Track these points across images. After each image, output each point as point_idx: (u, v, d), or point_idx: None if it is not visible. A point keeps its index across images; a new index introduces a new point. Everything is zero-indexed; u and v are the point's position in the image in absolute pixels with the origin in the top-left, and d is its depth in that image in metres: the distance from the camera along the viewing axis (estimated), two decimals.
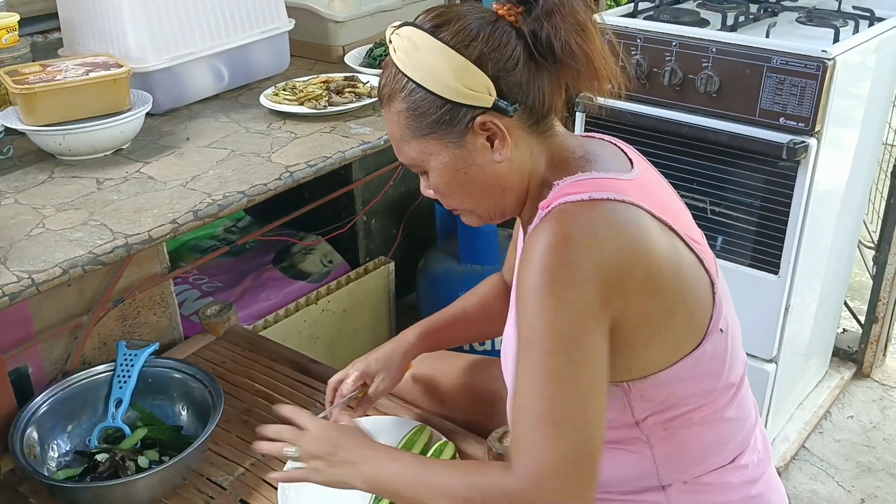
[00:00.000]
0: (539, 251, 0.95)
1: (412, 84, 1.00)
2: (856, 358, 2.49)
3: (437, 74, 0.98)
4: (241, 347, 1.70)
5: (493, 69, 0.98)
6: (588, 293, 0.93)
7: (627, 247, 0.96)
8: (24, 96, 1.39)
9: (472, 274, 2.15)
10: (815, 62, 1.68)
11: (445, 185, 1.06)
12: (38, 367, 1.57)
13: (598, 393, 0.95)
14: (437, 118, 1.00)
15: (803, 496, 2.06)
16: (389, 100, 1.04)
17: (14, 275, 1.11)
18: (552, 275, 0.93)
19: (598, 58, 1.00)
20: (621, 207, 0.98)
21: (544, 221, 0.97)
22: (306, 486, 1.30)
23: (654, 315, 0.99)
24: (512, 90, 0.99)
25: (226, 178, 1.37)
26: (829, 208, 1.96)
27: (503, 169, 1.03)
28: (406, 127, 1.03)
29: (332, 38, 1.94)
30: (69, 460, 1.43)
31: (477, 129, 1.00)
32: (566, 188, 1.00)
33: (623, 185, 1.01)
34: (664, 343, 1.02)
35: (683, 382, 1.04)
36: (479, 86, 0.98)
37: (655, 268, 0.98)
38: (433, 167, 1.05)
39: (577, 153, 1.06)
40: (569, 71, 1.01)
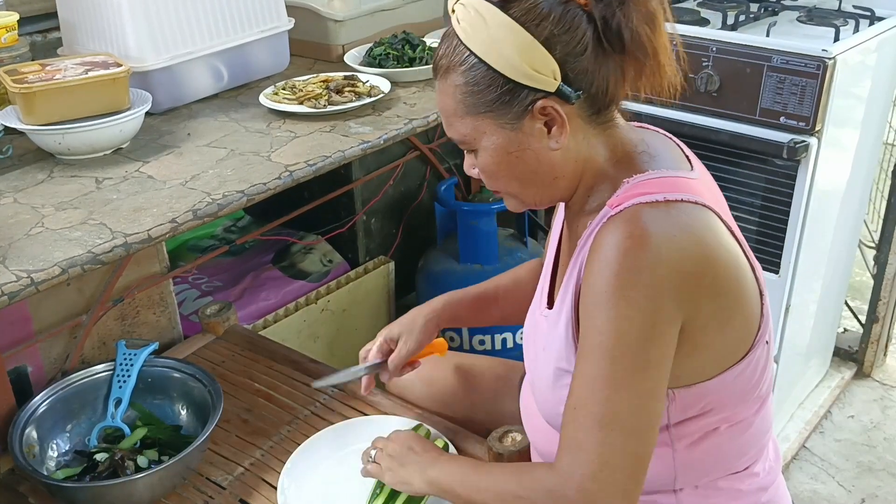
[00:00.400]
0: (611, 252, 0.92)
1: (474, 58, 0.96)
2: (856, 357, 2.49)
3: (503, 51, 0.94)
4: (240, 347, 1.70)
5: (561, 52, 0.94)
6: (662, 299, 0.91)
7: (702, 251, 0.94)
8: (24, 95, 1.39)
9: (471, 273, 2.15)
10: (816, 61, 1.68)
11: (494, 167, 1.02)
12: (38, 366, 1.57)
13: (656, 400, 0.94)
14: (495, 97, 0.97)
15: (804, 496, 2.06)
16: (446, 72, 1.00)
17: (13, 274, 1.11)
18: (626, 279, 0.91)
19: (663, 53, 0.98)
20: (695, 209, 0.96)
21: (615, 221, 0.95)
22: (305, 485, 1.30)
23: (714, 322, 0.98)
24: (577, 76, 0.96)
25: (225, 178, 1.37)
26: (830, 208, 1.96)
27: (557, 157, 1.00)
28: (461, 102, 0.99)
29: (332, 38, 1.93)
30: (68, 460, 1.42)
31: (536, 114, 0.97)
32: (637, 187, 0.97)
33: (693, 185, 0.99)
34: (716, 351, 1.01)
35: (723, 392, 1.04)
36: (544, 68, 0.94)
37: (723, 272, 0.96)
38: (484, 147, 1.01)
39: (638, 147, 1.04)
40: (634, 62, 0.98)
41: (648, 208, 0.94)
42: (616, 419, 0.92)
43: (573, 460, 0.94)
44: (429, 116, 1.62)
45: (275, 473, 1.35)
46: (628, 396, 0.92)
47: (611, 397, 0.92)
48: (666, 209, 0.94)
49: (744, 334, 1.02)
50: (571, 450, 0.94)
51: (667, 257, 0.92)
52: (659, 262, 0.91)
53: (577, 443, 0.94)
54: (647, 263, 0.91)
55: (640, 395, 0.93)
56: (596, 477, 0.92)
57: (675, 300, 0.92)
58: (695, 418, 1.04)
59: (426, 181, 2.41)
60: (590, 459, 0.93)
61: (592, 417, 0.93)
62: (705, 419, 1.05)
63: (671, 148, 1.08)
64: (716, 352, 1.01)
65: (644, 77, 0.99)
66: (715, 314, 0.97)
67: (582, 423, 0.94)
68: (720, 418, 1.06)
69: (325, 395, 1.54)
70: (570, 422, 0.95)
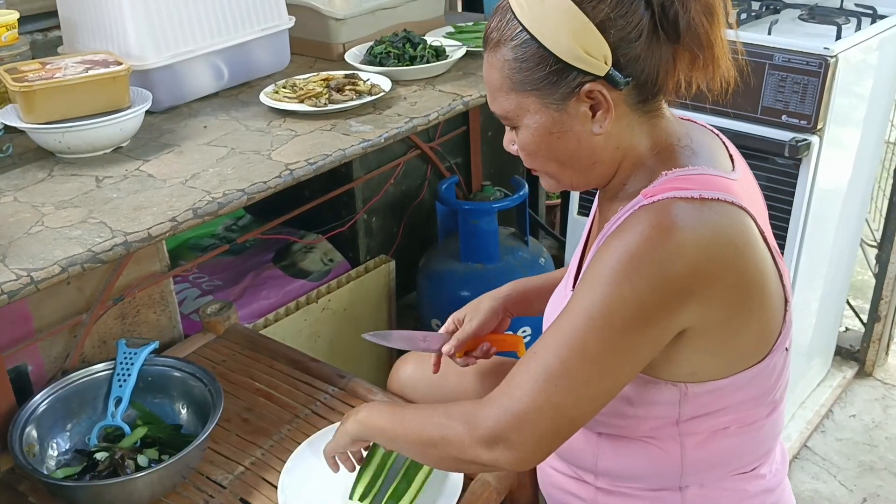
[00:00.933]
0: (633, 236, 0.92)
1: (526, 35, 0.95)
2: (858, 357, 2.48)
3: (556, 31, 0.93)
4: (241, 346, 1.70)
5: (615, 37, 0.93)
6: (664, 294, 0.91)
7: (727, 253, 0.93)
8: (24, 94, 1.38)
9: (472, 273, 2.15)
10: (818, 60, 1.67)
11: (534, 146, 1.01)
12: (38, 365, 1.57)
13: (612, 383, 0.95)
14: (543, 76, 0.95)
15: (805, 495, 2.05)
16: (497, 46, 0.98)
17: (13, 273, 1.10)
18: (636, 263, 0.91)
19: (719, 46, 0.97)
20: (729, 209, 0.95)
21: (646, 210, 0.94)
22: (306, 484, 1.30)
23: (731, 324, 0.97)
24: (628, 62, 0.94)
25: (225, 176, 1.37)
26: (832, 206, 1.96)
27: (599, 142, 0.99)
28: (508, 78, 0.98)
29: (333, 36, 1.93)
30: (68, 459, 1.42)
31: (582, 96, 0.96)
32: (675, 181, 0.96)
33: (731, 186, 0.98)
34: (732, 353, 1.00)
35: (737, 393, 1.03)
36: (597, 51, 0.93)
37: (747, 278, 0.95)
38: (526, 124, 1.00)
39: (682, 141, 1.03)
40: (687, 53, 0.96)
41: (682, 203, 0.93)
42: (565, 380, 0.93)
43: (505, 394, 0.95)
44: (430, 115, 1.62)
45: (275, 472, 1.35)
46: (587, 367, 0.93)
47: (570, 360, 0.93)
48: (700, 206, 0.93)
49: (762, 339, 1.01)
50: (508, 386, 0.95)
51: (687, 254, 0.91)
52: (677, 257, 0.90)
53: (516, 383, 0.95)
54: (665, 257, 0.90)
55: (599, 372, 0.93)
56: (519, 416, 0.94)
57: (681, 299, 0.91)
58: (706, 416, 1.04)
59: (427, 180, 2.41)
60: (521, 400, 0.94)
61: (543, 369, 0.93)
62: (716, 418, 1.04)
63: (717, 146, 1.07)
64: (731, 352, 1.00)
65: (697, 69, 0.98)
66: (731, 317, 0.96)
67: (531, 369, 0.94)
68: (732, 419, 1.05)
69: (325, 395, 1.54)
70: (522, 363, 0.96)
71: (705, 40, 0.95)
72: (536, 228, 2.57)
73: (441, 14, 2.13)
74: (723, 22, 0.97)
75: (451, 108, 1.66)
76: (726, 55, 0.99)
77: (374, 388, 1.54)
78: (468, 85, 1.76)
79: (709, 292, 0.92)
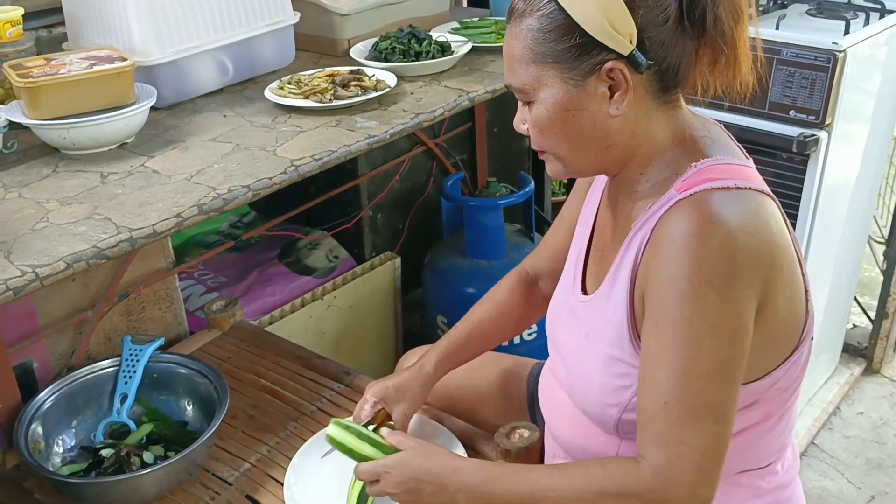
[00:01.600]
0: (685, 239, 0.91)
1: (554, 5, 0.94)
2: (866, 354, 2.47)
3: (586, 4, 0.92)
4: (246, 343, 1.70)
5: (643, 17, 0.92)
6: (744, 287, 0.91)
7: (776, 240, 0.94)
8: (29, 90, 1.38)
9: (478, 269, 2.14)
10: (826, 55, 1.66)
11: (548, 122, 0.99)
12: (43, 362, 1.57)
13: (739, 384, 0.95)
14: (566, 48, 0.94)
15: (813, 493, 2.05)
16: (521, 15, 0.97)
17: (18, 269, 1.10)
18: (708, 268, 0.90)
19: (742, 48, 0.97)
20: (761, 198, 0.96)
21: (684, 206, 0.93)
22: (312, 480, 1.30)
23: (781, 312, 0.97)
24: (652, 46, 0.94)
25: (230, 172, 1.36)
26: (839, 202, 1.95)
27: (615, 124, 0.98)
28: (529, 48, 0.97)
29: (338, 32, 1.92)
30: (74, 455, 1.42)
31: (603, 75, 0.95)
32: (706, 172, 0.96)
33: (754, 174, 0.99)
34: (774, 345, 1.00)
35: (771, 388, 1.04)
36: (623, 29, 0.92)
37: (786, 263, 0.96)
38: (542, 98, 0.98)
39: (700, 132, 1.02)
40: (711, 49, 0.96)
41: (720, 193, 0.93)
42: (712, 410, 0.92)
43: (671, 455, 0.93)
44: (435, 111, 1.61)
45: (281, 469, 1.34)
46: (722, 387, 0.93)
47: (705, 389, 0.92)
48: (736, 195, 0.94)
49: (794, 329, 1.02)
50: (668, 444, 0.93)
51: (742, 243, 0.91)
52: (736, 248, 0.90)
53: (673, 437, 0.93)
54: (728, 249, 0.90)
55: (731, 385, 0.93)
56: (694, 468, 0.93)
57: (752, 287, 0.92)
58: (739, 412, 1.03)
59: (432, 176, 2.40)
60: (689, 451, 0.93)
61: (688, 411, 0.92)
62: (747, 413, 1.04)
63: (727, 137, 1.07)
64: (773, 345, 1.00)
65: (718, 68, 0.98)
66: (778, 306, 0.97)
67: (677, 418, 0.93)
68: (759, 413, 1.05)
69: (331, 391, 1.54)
70: (661, 417, 0.94)
71: (729, 39, 0.96)
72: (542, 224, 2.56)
73: (446, 9, 2.12)
74: (747, 25, 0.97)
75: (456, 103, 1.65)
76: (748, 59, 0.99)
77: None
78: (474, 81, 1.75)
79: (766, 278, 0.93)
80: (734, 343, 0.92)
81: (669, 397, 0.93)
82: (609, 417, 1.06)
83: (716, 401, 0.93)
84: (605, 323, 1.05)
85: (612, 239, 1.09)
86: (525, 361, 1.48)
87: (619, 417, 1.05)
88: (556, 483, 1.00)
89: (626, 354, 1.02)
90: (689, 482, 0.93)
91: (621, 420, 1.05)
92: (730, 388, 0.93)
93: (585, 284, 1.14)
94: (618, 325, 1.03)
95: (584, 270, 1.15)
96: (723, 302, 0.91)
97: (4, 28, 1.55)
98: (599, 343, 1.06)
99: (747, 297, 0.92)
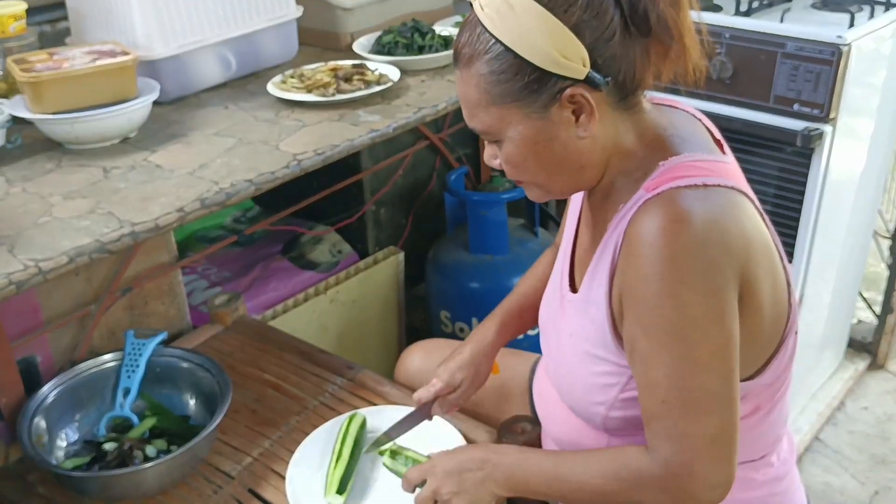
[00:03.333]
0: (655, 238, 0.92)
1: (500, 47, 0.94)
2: (870, 349, 2.47)
3: (532, 39, 0.92)
4: (249, 337, 1.70)
5: (590, 38, 0.92)
6: (719, 277, 0.91)
7: (749, 234, 0.94)
8: (32, 84, 1.38)
9: (481, 264, 2.14)
10: (831, 48, 1.66)
11: (520, 157, 1.00)
12: (47, 356, 1.57)
13: (737, 370, 0.95)
14: (522, 86, 0.94)
15: (817, 488, 2.04)
16: (469, 61, 0.97)
17: (21, 263, 1.10)
18: (679, 264, 0.91)
19: (688, 36, 0.97)
20: (732, 194, 0.96)
21: (652, 205, 0.94)
22: (314, 475, 1.30)
23: (764, 306, 0.98)
24: (605, 62, 0.94)
25: (233, 167, 1.36)
26: (844, 197, 1.94)
27: (586, 145, 0.99)
28: (486, 92, 0.97)
29: (341, 26, 1.92)
30: (77, 449, 1.42)
31: (564, 102, 0.95)
32: (674, 170, 0.96)
33: (729, 170, 0.99)
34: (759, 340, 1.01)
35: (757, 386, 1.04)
36: (574, 55, 0.92)
37: (761, 259, 0.96)
38: (510, 137, 0.99)
39: (668, 130, 1.02)
40: (659, 45, 0.97)
41: (687, 191, 0.93)
42: (711, 400, 0.93)
43: (680, 448, 0.94)
44: (438, 105, 1.61)
45: (283, 463, 1.34)
46: (717, 376, 0.93)
47: (701, 382, 0.93)
48: (704, 192, 0.94)
49: (777, 324, 1.02)
50: (674, 439, 0.94)
51: (713, 237, 0.91)
52: (707, 242, 0.91)
53: (678, 432, 0.94)
54: (697, 245, 0.91)
55: (726, 372, 0.93)
56: (705, 458, 0.94)
57: (730, 278, 0.92)
58: None
59: (436, 171, 2.40)
60: (696, 444, 0.93)
61: (687, 405, 0.93)
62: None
63: (700, 131, 1.07)
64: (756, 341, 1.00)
65: (669, 61, 0.98)
66: (761, 300, 0.97)
67: (679, 414, 0.94)
68: (748, 406, 1.06)
69: (334, 386, 1.54)
70: (664, 414, 0.95)
71: (675, 31, 0.96)
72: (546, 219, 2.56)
73: (449, 3, 2.12)
74: (689, 12, 0.97)
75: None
76: (696, 44, 0.99)
77: (383, 379, 1.54)
78: None
79: (740, 270, 0.93)
80: (722, 331, 0.92)
81: (667, 395, 0.94)
82: (595, 415, 1.07)
83: (713, 390, 0.93)
84: (587, 322, 1.06)
85: (591, 239, 1.10)
86: (526, 356, 1.48)
87: (605, 414, 1.06)
88: (578, 468, 1.03)
89: (610, 353, 1.03)
90: (701, 471, 0.94)
91: (608, 417, 1.06)
92: (726, 375, 0.94)
93: (574, 282, 1.14)
94: (599, 325, 1.03)
95: (571, 267, 1.15)
96: (700, 295, 0.91)
97: (8, 23, 1.55)
98: (582, 342, 1.07)
99: (727, 289, 0.92)
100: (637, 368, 0.98)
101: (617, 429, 1.07)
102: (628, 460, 0.99)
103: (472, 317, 2.15)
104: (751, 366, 1.02)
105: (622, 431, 1.07)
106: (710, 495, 0.96)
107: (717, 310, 0.92)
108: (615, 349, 1.02)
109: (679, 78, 1.00)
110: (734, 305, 0.93)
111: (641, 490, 0.98)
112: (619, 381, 1.03)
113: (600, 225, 1.06)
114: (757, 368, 1.03)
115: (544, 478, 1.06)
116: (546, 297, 1.22)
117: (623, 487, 0.99)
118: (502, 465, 1.09)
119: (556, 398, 1.17)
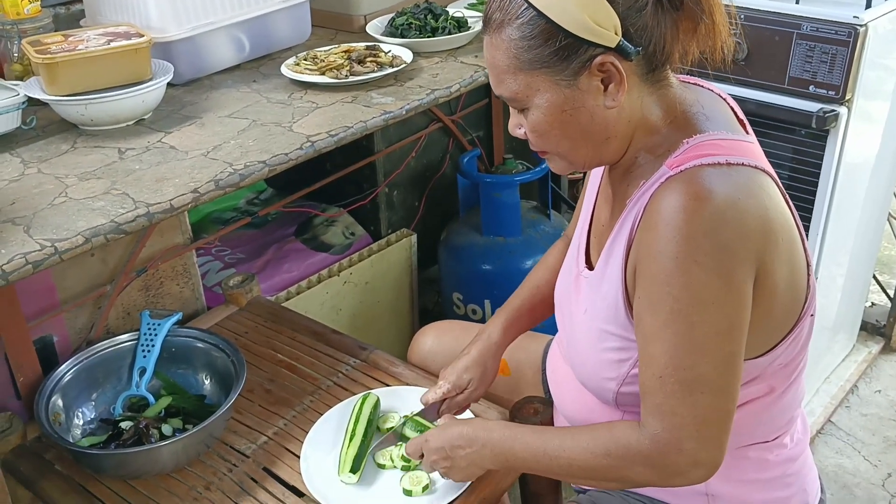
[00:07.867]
0: (674, 215, 0.91)
1: (532, 11, 0.93)
2: (884, 332, 2.46)
3: (565, 5, 0.91)
4: (263, 318, 1.71)
5: (623, 7, 0.92)
6: (733, 261, 0.91)
7: (769, 215, 0.94)
8: (47, 66, 1.39)
9: (494, 246, 2.14)
10: (847, 28, 1.64)
11: (546, 125, 0.99)
12: (63, 336, 1.59)
13: (738, 358, 0.95)
14: (553, 52, 0.94)
15: (829, 470, 2.04)
16: (500, 26, 0.96)
17: (37, 243, 1.12)
18: (695, 243, 0.90)
19: (718, 12, 0.97)
20: (755, 174, 0.95)
21: (675, 182, 0.93)
22: (328, 454, 1.31)
23: (780, 287, 0.97)
24: (637, 32, 0.93)
25: (247, 148, 1.37)
26: (859, 179, 1.92)
27: (612, 116, 0.98)
28: (515, 58, 0.96)
29: (354, 8, 1.92)
30: (94, 428, 1.44)
31: (594, 70, 0.94)
32: (698, 148, 0.96)
33: (752, 150, 0.99)
34: (773, 320, 1.00)
35: (773, 363, 1.04)
36: (607, 22, 0.92)
37: (782, 239, 0.96)
38: (536, 104, 0.98)
39: (693, 108, 1.02)
40: (690, 20, 0.96)
41: (710, 169, 0.93)
42: (705, 382, 0.93)
43: (669, 425, 0.95)
44: (451, 87, 1.61)
45: (297, 442, 1.36)
46: (713, 359, 0.93)
47: (697, 362, 0.93)
48: (727, 171, 0.93)
49: (793, 305, 1.02)
50: (664, 415, 0.95)
51: (732, 218, 0.91)
52: (725, 223, 0.90)
53: (669, 409, 0.95)
54: (714, 226, 0.90)
55: (724, 357, 0.93)
56: (694, 436, 0.94)
57: (745, 262, 0.92)
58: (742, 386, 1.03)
59: (449, 153, 2.40)
60: (685, 422, 0.94)
61: (681, 384, 0.94)
62: (749, 387, 1.05)
63: (724, 110, 1.06)
64: (771, 321, 1.00)
65: (698, 37, 0.98)
66: (777, 281, 0.97)
67: (671, 391, 0.94)
68: (762, 387, 1.06)
69: (347, 366, 1.55)
70: (657, 390, 0.95)
71: (706, 6, 0.95)
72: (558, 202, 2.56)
73: None
74: None
75: (473, 79, 1.65)
76: (725, 22, 0.98)
77: (396, 360, 1.55)
78: None
79: (760, 252, 0.93)
80: (726, 315, 0.92)
81: (664, 371, 0.94)
82: (607, 391, 1.08)
83: (708, 372, 0.93)
84: (600, 298, 1.06)
85: (610, 216, 1.10)
86: (539, 337, 1.49)
87: (617, 390, 1.06)
88: (567, 444, 1.04)
89: (623, 329, 1.03)
90: (689, 450, 0.95)
91: (619, 393, 1.06)
92: (726, 359, 0.94)
93: (590, 259, 1.14)
94: (613, 301, 1.03)
95: (587, 245, 1.15)
96: (710, 277, 0.91)
97: (23, 5, 1.56)
98: (595, 319, 1.07)
99: (741, 272, 0.92)
100: (639, 342, 0.98)
101: (628, 405, 1.07)
102: (618, 435, 1.00)
103: (485, 299, 2.16)
104: (761, 346, 1.02)
105: (634, 407, 1.07)
106: (695, 473, 0.96)
107: (725, 293, 0.92)
108: (628, 325, 1.02)
109: (707, 55, 1.00)
110: (745, 289, 0.93)
111: (630, 464, 0.99)
112: (630, 356, 1.03)
113: (620, 201, 1.06)
114: (768, 348, 1.03)
115: (531, 453, 1.07)
116: (562, 274, 1.22)
117: (612, 463, 1.00)
118: (490, 442, 1.11)
119: (568, 375, 1.18)
